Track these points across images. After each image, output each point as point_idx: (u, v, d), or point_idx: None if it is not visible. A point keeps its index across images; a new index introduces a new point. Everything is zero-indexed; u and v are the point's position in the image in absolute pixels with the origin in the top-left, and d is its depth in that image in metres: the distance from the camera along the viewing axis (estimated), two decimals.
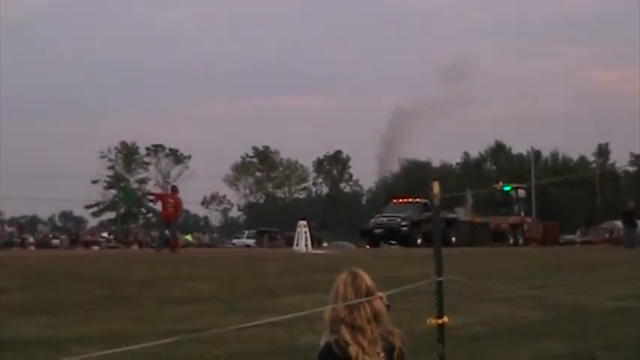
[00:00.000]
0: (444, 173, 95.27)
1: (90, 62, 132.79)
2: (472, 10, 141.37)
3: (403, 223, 40.99)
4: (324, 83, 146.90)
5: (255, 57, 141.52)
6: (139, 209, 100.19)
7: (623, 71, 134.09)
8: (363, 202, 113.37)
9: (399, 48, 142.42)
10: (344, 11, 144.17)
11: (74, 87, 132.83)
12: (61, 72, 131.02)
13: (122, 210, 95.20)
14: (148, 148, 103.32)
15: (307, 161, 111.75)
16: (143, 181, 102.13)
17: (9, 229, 56.58)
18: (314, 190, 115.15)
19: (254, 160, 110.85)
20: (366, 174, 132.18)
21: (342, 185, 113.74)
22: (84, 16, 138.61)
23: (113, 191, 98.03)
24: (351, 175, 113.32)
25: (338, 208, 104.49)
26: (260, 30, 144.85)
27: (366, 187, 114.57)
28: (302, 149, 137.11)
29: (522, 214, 50.62)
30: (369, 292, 4.13)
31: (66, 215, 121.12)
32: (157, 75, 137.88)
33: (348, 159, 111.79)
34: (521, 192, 52.53)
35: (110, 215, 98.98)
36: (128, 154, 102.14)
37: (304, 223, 28.22)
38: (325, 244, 52.23)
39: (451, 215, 43.14)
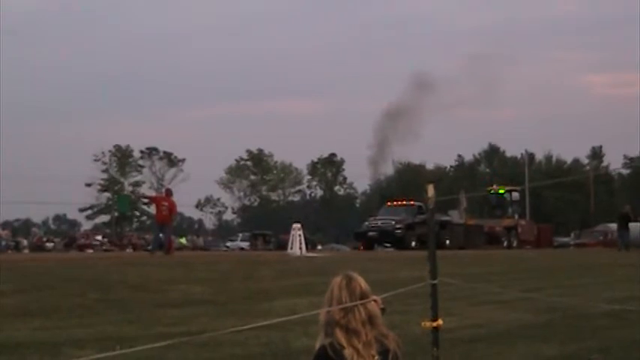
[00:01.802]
0: (438, 176, 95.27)
1: (84, 66, 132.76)
2: (464, 14, 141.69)
3: (397, 226, 40.91)
4: (319, 86, 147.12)
5: (248, 60, 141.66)
6: (133, 212, 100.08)
7: (617, 75, 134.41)
8: (357, 204, 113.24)
9: (392, 51, 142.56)
10: (338, 13, 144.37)
11: (68, 90, 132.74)
12: (55, 76, 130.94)
13: (116, 213, 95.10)
14: (142, 152, 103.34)
15: (301, 164, 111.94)
16: (137, 184, 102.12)
17: (2, 233, 56.35)
18: (308, 193, 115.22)
19: (248, 163, 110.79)
20: (360, 177, 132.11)
21: (336, 188, 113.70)
22: (78, 22, 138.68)
23: (107, 194, 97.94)
24: (345, 178, 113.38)
25: (332, 211, 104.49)
26: (254, 33, 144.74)
27: (360, 190, 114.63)
28: (296, 152, 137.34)
29: (516, 216, 50.54)
30: (363, 295, 4.13)
31: (60, 218, 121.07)
32: (151, 78, 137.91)
33: (342, 162, 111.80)
34: (515, 194, 52.51)
35: (104, 218, 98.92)
36: (122, 157, 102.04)
37: (298, 226, 28.19)
38: (319, 247, 52.20)
39: (445, 218, 43.09)
